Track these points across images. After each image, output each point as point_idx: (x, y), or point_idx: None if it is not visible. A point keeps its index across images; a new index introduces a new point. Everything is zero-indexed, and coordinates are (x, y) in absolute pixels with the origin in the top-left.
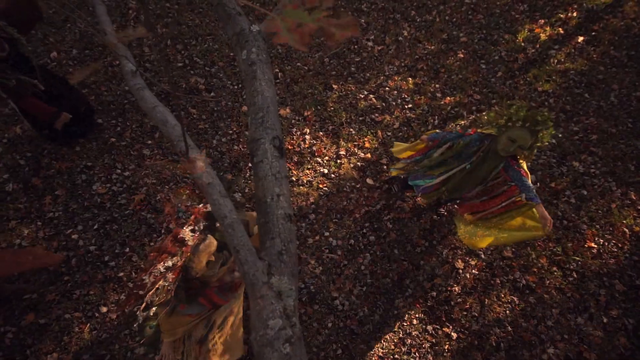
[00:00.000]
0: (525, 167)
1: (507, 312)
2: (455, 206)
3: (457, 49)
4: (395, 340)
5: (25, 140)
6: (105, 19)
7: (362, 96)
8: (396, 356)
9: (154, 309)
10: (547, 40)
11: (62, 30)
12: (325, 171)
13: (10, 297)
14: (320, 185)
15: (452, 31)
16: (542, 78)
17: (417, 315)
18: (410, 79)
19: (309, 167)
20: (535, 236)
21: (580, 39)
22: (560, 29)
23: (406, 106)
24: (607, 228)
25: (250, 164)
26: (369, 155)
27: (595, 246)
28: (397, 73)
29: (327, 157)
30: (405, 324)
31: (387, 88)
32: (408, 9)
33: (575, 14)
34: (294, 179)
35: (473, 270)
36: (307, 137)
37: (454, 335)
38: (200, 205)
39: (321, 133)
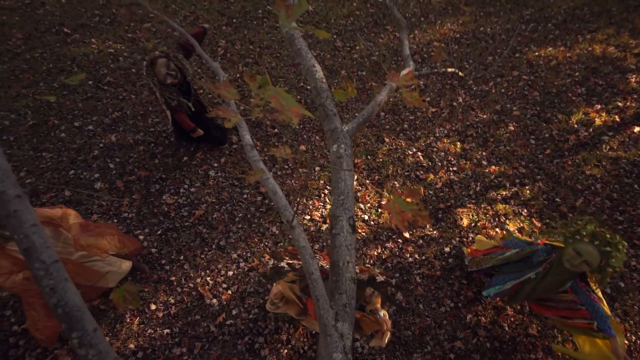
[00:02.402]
0: (599, 294)
1: None
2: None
3: (508, 121)
4: None
5: (117, 147)
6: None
7: (411, 153)
8: None
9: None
10: (602, 126)
11: None
12: (366, 217)
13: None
14: (359, 230)
15: (506, 104)
16: (591, 162)
17: None
18: (458, 143)
19: None
20: None
21: (637, 129)
22: (616, 116)
23: (451, 168)
24: None
25: (298, 198)
26: None
27: (627, 342)
28: (447, 136)
29: (369, 205)
30: None
31: (435, 148)
32: (466, 77)
33: (634, 104)
34: None
35: (495, 342)
36: (354, 183)
37: None
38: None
39: (367, 181)
